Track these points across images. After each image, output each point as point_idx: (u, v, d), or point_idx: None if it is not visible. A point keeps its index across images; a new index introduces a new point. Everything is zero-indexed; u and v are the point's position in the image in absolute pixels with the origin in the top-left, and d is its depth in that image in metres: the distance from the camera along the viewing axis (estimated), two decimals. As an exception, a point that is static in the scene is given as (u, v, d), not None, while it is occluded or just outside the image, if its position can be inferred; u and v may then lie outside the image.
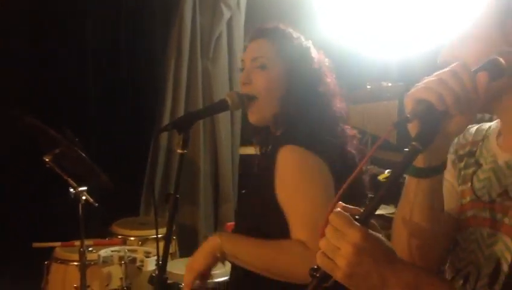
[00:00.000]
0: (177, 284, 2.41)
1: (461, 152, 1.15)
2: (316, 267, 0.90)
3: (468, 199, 1.10)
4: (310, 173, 1.53)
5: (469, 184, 1.10)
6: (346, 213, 0.89)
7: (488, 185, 1.06)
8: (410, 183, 1.02)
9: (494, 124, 1.13)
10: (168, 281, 1.73)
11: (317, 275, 0.89)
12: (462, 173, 1.13)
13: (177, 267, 2.63)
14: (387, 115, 2.71)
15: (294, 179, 1.52)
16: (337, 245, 0.87)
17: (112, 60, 3.51)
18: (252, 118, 1.67)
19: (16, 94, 3.24)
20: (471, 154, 1.13)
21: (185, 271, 1.63)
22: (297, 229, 1.48)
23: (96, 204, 2.49)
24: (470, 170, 1.11)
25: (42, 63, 3.35)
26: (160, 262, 1.65)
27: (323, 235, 0.89)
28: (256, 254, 1.53)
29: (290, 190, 1.52)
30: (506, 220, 1.00)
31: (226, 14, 3.51)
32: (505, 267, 0.99)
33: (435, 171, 1.00)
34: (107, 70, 3.48)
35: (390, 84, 2.92)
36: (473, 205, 1.08)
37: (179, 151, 1.55)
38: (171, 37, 3.50)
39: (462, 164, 1.14)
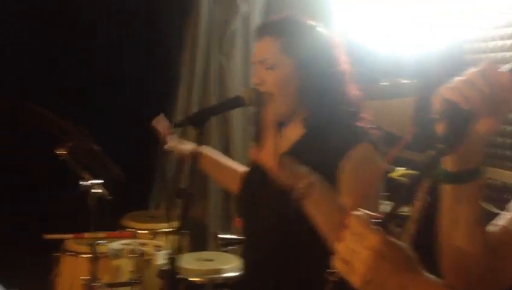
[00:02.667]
0: (186, 279, 2.42)
1: None
2: (331, 270, 0.87)
3: None
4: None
5: None
6: (365, 217, 0.86)
7: None
8: (446, 193, 0.97)
9: None
10: (179, 276, 1.73)
11: (333, 278, 0.86)
12: None
13: (188, 262, 2.63)
14: (403, 112, 2.67)
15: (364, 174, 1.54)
16: (355, 249, 0.84)
17: (127, 53, 3.50)
18: (268, 111, 1.66)
19: (30, 88, 3.25)
20: None
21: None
22: None
23: (109, 197, 2.48)
24: None
25: (55, 56, 3.35)
26: (171, 256, 1.65)
27: (341, 238, 0.86)
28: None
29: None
30: None
31: (242, 9, 3.49)
32: None
33: (470, 175, 0.95)
34: (121, 63, 3.48)
35: (406, 81, 2.89)
36: None
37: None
38: (187, 31, 3.50)
39: None
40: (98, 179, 2.49)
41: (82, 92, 3.38)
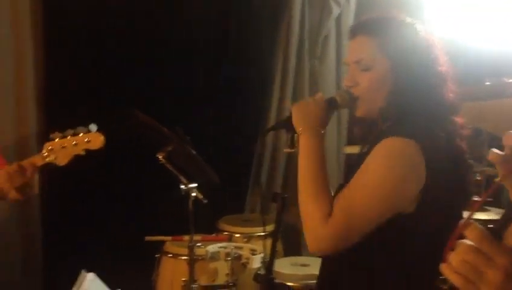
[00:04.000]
0: (283, 283, 2.42)
1: None
2: (443, 278, 0.82)
3: None
4: (397, 161, 1.47)
5: None
6: (486, 231, 0.79)
7: None
8: None
9: None
10: (275, 281, 1.73)
11: (446, 287, 0.81)
12: None
13: (283, 267, 2.63)
14: (509, 114, 2.52)
15: (375, 161, 1.48)
16: (481, 269, 0.78)
17: (219, 59, 3.57)
18: (359, 113, 1.63)
19: (130, 93, 3.39)
20: None
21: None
22: (336, 204, 1.48)
23: (206, 201, 2.54)
24: None
25: (151, 62, 3.48)
26: (266, 261, 1.66)
27: (452, 248, 0.80)
28: (305, 186, 1.56)
29: (364, 169, 1.49)
30: None
31: (335, 11, 3.46)
32: None
33: None
34: (214, 69, 3.55)
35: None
36: None
37: (287, 150, 1.54)
38: (279, 35, 3.51)
39: None
40: (195, 183, 2.56)
41: (179, 96, 3.48)
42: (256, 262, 2.54)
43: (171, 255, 2.79)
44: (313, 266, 2.61)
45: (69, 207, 3.46)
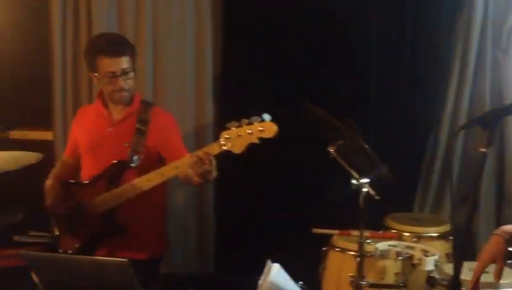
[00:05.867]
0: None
1: None
2: None
3: None
4: None
5: None
6: None
7: None
8: None
9: None
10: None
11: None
12: None
13: (464, 273, 2.47)
14: None
15: None
16: None
17: (395, 52, 3.45)
18: None
19: (303, 86, 3.42)
20: None
21: None
22: None
23: (377, 197, 2.48)
24: None
25: (325, 56, 3.47)
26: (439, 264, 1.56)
27: None
28: None
29: None
30: None
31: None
32: None
33: None
34: (389, 62, 3.44)
35: None
36: None
37: (482, 149, 1.43)
38: (458, 26, 3.32)
39: None
40: (366, 178, 2.51)
41: (353, 91, 3.43)
42: (429, 264, 2.43)
43: (338, 249, 2.77)
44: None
45: (240, 195, 3.60)
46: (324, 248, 2.83)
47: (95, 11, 3.50)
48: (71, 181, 2.77)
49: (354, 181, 2.47)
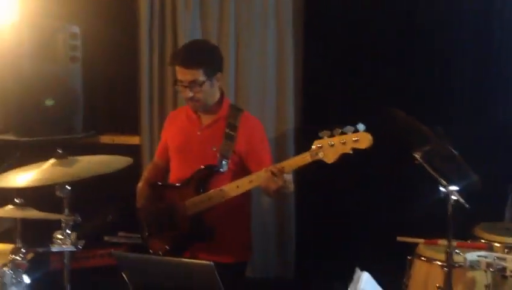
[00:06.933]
0: None
1: None
2: None
3: None
4: None
5: None
6: None
7: None
8: None
9: None
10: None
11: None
12: None
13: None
14: None
15: None
16: None
17: (483, 56, 3.33)
18: None
19: (386, 92, 3.36)
20: None
21: None
22: None
23: (467, 205, 2.38)
24: None
25: (410, 60, 3.39)
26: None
27: None
28: None
29: None
30: None
31: None
32: None
33: None
34: (477, 67, 3.32)
35: None
36: None
37: None
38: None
39: None
40: (455, 186, 2.42)
41: (439, 93, 3.33)
42: (523, 277, 2.30)
43: (424, 258, 2.69)
44: None
45: (322, 201, 3.58)
46: (409, 257, 2.75)
47: (180, 23, 3.62)
48: (160, 183, 2.85)
49: (442, 189, 2.39)
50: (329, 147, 2.28)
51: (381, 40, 3.42)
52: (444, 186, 2.38)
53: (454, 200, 2.38)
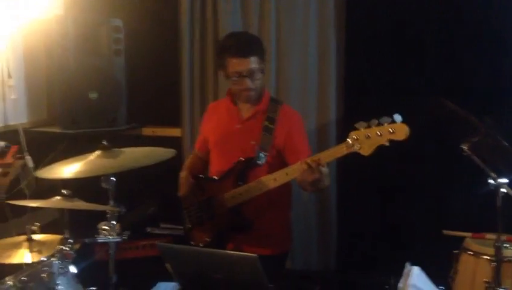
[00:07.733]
0: None
1: None
2: None
3: None
4: None
5: None
6: None
7: None
8: None
9: None
10: None
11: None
12: None
13: None
14: None
15: None
16: None
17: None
18: None
19: (427, 83, 3.28)
20: None
21: None
22: None
23: (519, 199, 2.31)
24: None
25: (458, 50, 3.30)
26: None
27: None
28: None
29: None
30: None
31: None
32: None
33: None
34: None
35: None
36: None
37: None
38: None
39: None
40: (504, 178, 2.34)
41: (491, 87, 3.23)
42: None
43: (471, 252, 2.62)
44: None
45: (363, 194, 3.53)
46: (456, 251, 2.69)
47: (221, 16, 3.62)
48: (201, 176, 2.86)
49: (491, 181, 2.32)
50: (366, 139, 2.22)
51: (424, 36, 3.33)
52: (494, 179, 2.31)
53: (504, 193, 2.31)
